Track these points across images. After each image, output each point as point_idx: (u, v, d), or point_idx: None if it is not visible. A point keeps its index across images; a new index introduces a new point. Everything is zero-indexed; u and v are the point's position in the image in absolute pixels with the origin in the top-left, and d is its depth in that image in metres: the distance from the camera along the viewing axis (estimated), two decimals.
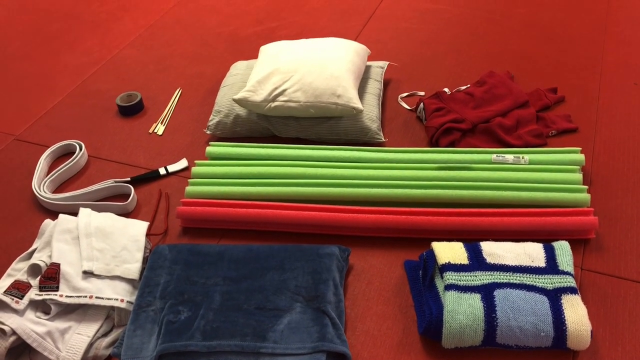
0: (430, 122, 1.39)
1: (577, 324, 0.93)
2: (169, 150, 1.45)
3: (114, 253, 1.10)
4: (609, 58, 1.62)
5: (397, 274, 1.12)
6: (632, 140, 1.36)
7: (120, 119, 1.57)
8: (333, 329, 0.97)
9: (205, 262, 1.10)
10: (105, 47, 1.86)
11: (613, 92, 1.51)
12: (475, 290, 0.97)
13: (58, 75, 1.76)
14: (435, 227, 1.14)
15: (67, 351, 0.97)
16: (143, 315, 1.01)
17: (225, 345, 0.95)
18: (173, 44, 1.86)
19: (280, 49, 1.49)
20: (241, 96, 1.38)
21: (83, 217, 1.15)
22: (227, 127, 1.43)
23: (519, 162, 1.27)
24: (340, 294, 1.04)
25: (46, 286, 1.02)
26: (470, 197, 1.19)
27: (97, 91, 1.68)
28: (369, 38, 1.79)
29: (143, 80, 1.70)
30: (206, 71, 1.72)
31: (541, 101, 1.47)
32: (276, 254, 1.10)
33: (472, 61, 1.65)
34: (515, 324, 0.93)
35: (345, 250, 1.12)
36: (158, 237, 1.23)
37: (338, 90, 1.35)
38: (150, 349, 0.96)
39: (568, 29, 1.75)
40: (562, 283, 0.98)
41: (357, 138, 1.39)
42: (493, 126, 1.37)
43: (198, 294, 1.04)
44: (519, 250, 1.05)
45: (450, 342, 0.95)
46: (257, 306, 1.01)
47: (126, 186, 1.32)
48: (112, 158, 1.44)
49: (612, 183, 1.26)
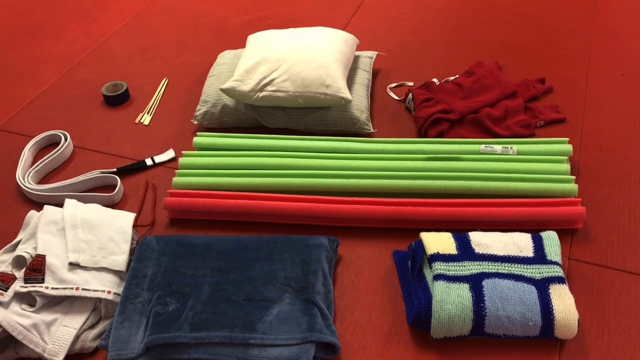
0: (419, 113, 1.38)
1: (564, 313, 0.94)
2: (156, 140, 1.44)
3: (100, 244, 1.08)
4: (596, 49, 1.63)
5: (386, 265, 1.12)
6: (619, 131, 1.37)
7: (106, 109, 1.55)
8: (322, 319, 0.97)
9: (193, 253, 1.09)
10: (91, 36, 1.84)
11: (600, 83, 1.51)
12: (464, 280, 0.98)
13: (42, 64, 1.73)
14: (424, 217, 1.14)
15: (54, 343, 0.96)
16: (130, 307, 1.00)
17: (214, 337, 0.94)
18: (159, 33, 1.83)
19: (268, 39, 1.47)
20: (229, 86, 1.37)
21: (69, 208, 1.13)
22: (214, 117, 1.42)
23: (507, 153, 1.27)
24: (329, 285, 1.04)
25: (31, 278, 1.01)
26: (458, 188, 1.20)
27: (82, 81, 1.65)
28: (358, 28, 1.78)
29: (129, 69, 1.68)
30: (193, 60, 1.70)
31: (529, 92, 1.47)
32: (265, 245, 1.10)
33: (461, 51, 1.65)
34: (503, 313, 0.94)
35: (334, 241, 1.12)
36: (145, 228, 1.22)
37: (327, 80, 1.34)
38: (137, 340, 0.95)
39: (556, 19, 1.75)
40: (550, 273, 0.99)
41: (345, 128, 1.39)
42: (481, 117, 1.37)
43: (186, 285, 1.03)
44: (507, 240, 1.05)
45: (439, 332, 0.95)
46: (245, 297, 1.01)
47: (112, 177, 1.31)
48: (98, 148, 1.42)
49: (600, 173, 1.27)
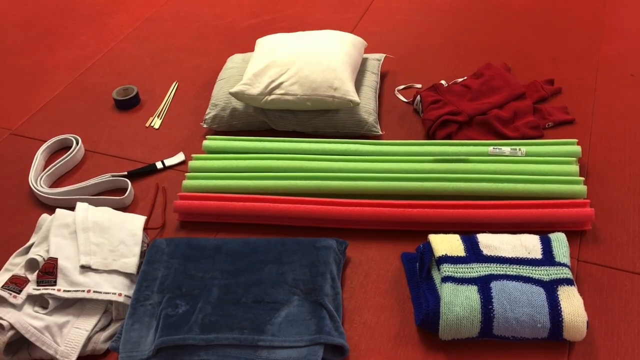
0: (427, 115, 1.39)
1: (573, 315, 0.94)
2: (166, 144, 1.45)
3: (111, 247, 1.10)
4: (605, 49, 1.62)
5: (394, 267, 1.12)
6: (629, 132, 1.36)
7: (117, 112, 1.56)
8: (330, 321, 0.97)
9: (202, 255, 1.10)
10: (101, 41, 1.86)
11: (609, 83, 1.51)
12: (472, 282, 0.98)
13: (54, 69, 1.75)
14: (432, 219, 1.14)
15: (66, 345, 0.98)
16: (141, 309, 1.01)
17: (223, 339, 0.95)
18: (169, 37, 1.85)
19: (277, 42, 1.48)
20: (238, 89, 1.38)
21: (80, 211, 1.15)
22: (223, 121, 1.43)
23: (516, 154, 1.27)
24: (337, 287, 1.04)
25: (44, 281, 1.02)
26: (467, 190, 1.20)
27: (93, 85, 1.67)
28: (366, 30, 1.79)
29: (139, 73, 1.70)
30: (202, 64, 1.71)
31: (538, 93, 1.47)
32: (273, 247, 1.10)
33: (469, 53, 1.65)
34: (511, 315, 0.94)
35: (342, 243, 1.12)
36: (155, 231, 1.23)
37: (335, 83, 1.35)
38: (148, 342, 0.96)
39: (565, 20, 1.75)
40: (558, 274, 0.99)
41: (354, 131, 1.39)
42: (490, 118, 1.37)
43: (196, 287, 1.04)
44: (516, 242, 1.05)
45: (447, 334, 0.96)
46: (254, 299, 1.01)
47: (123, 180, 1.32)
48: (109, 152, 1.44)
49: (609, 175, 1.26)
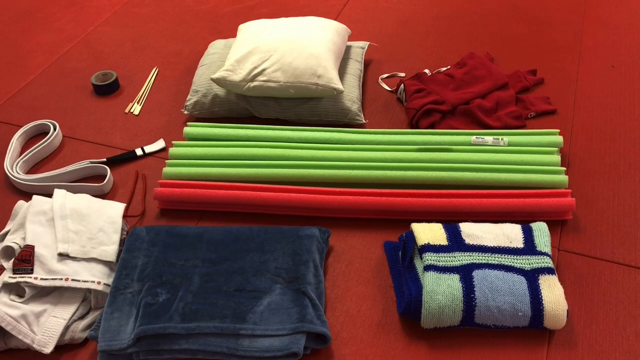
0: (410, 104, 1.38)
1: (554, 303, 0.94)
2: (146, 130, 1.42)
3: (90, 235, 1.08)
4: (587, 40, 1.63)
5: (377, 255, 1.12)
6: (610, 122, 1.38)
7: (96, 98, 1.53)
8: (313, 310, 0.97)
9: (183, 243, 1.09)
10: (80, 25, 1.82)
11: (591, 74, 1.52)
12: (454, 271, 0.98)
13: (30, 53, 1.71)
14: (415, 208, 1.14)
15: (43, 334, 0.96)
16: (120, 298, 1.00)
17: (205, 327, 0.94)
18: (149, 21, 1.82)
19: (260, 28, 1.46)
20: (219, 75, 1.36)
21: (58, 198, 1.12)
22: (205, 107, 1.41)
23: (498, 144, 1.27)
24: (320, 275, 1.04)
25: (20, 268, 1.00)
26: (449, 179, 1.20)
27: (71, 70, 1.64)
28: (350, 18, 1.77)
29: (119, 58, 1.67)
30: (183, 50, 1.68)
31: (520, 83, 1.48)
32: (256, 236, 1.09)
33: (453, 42, 1.65)
34: (493, 304, 0.94)
35: (325, 231, 1.12)
36: (135, 218, 1.21)
37: (318, 70, 1.34)
38: (128, 331, 0.95)
39: (548, 11, 1.75)
40: (539, 264, 0.99)
41: (337, 119, 1.38)
42: (473, 108, 1.37)
43: (177, 276, 1.03)
44: (498, 231, 1.05)
45: (429, 323, 0.96)
46: (236, 288, 1.01)
47: (102, 167, 1.30)
48: (88, 138, 1.41)
49: (590, 165, 1.28)
